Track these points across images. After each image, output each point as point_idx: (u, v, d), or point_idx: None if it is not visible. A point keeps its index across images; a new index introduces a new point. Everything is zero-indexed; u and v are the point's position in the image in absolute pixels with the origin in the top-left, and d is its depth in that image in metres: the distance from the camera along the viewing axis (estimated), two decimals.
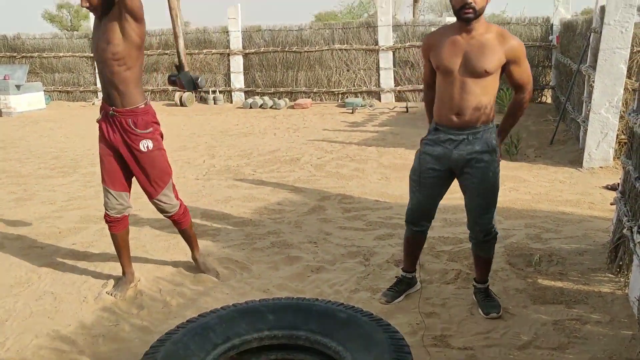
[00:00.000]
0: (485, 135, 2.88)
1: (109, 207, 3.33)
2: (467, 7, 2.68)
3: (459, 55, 2.79)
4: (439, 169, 2.98)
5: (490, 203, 2.99)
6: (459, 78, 2.80)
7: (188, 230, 3.65)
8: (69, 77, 15.52)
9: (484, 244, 3.10)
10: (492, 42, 2.77)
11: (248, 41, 14.03)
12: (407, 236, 3.29)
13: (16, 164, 7.43)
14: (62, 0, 39.98)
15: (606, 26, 6.01)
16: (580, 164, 6.45)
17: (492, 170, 2.91)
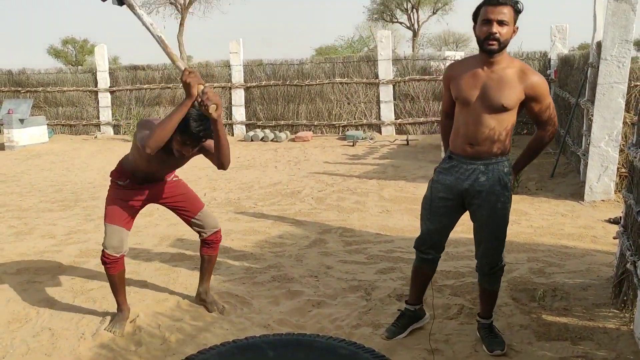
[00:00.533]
0: (498, 167, 2.85)
1: (110, 245, 3.30)
2: (491, 38, 2.66)
3: (477, 87, 2.77)
4: (449, 198, 2.96)
5: (499, 236, 2.96)
6: (476, 110, 2.78)
7: (214, 259, 3.68)
8: (72, 110, 15.67)
9: (491, 276, 3.06)
10: (512, 77, 2.73)
11: (249, 75, 14.21)
12: (415, 265, 3.22)
13: (17, 198, 7.43)
14: (67, 36, 40.65)
15: (603, 61, 6.09)
16: (581, 197, 6.44)
17: (502, 204, 2.88)
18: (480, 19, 2.71)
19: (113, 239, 3.30)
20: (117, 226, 3.30)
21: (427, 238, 3.10)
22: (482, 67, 2.79)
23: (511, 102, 2.73)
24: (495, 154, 2.83)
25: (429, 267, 3.19)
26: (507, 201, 2.90)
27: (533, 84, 2.73)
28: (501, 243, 2.98)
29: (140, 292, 3.92)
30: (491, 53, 2.71)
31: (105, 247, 3.31)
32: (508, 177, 2.88)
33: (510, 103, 2.73)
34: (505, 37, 2.67)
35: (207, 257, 3.65)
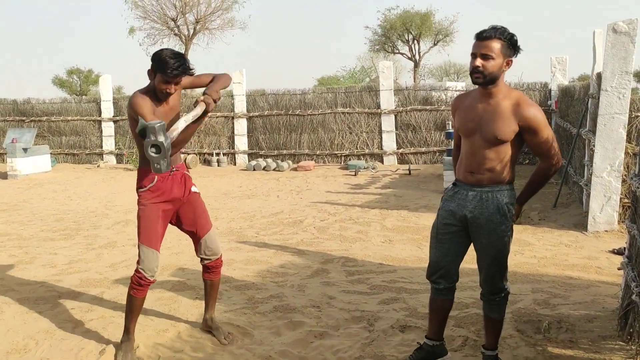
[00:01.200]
0: (497, 196, 2.85)
1: (149, 268, 3.29)
2: (475, 71, 2.72)
3: (475, 120, 2.83)
4: (453, 224, 2.97)
5: (499, 264, 2.94)
6: (474, 141, 2.84)
7: (217, 284, 3.69)
8: (75, 140, 15.78)
9: (494, 304, 3.02)
10: (506, 109, 2.75)
11: (252, 104, 14.34)
12: (430, 297, 3.19)
13: (19, 227, 7.42)
14: (72, 66, 41.16)
15: (604, 92, 6.14)
16: (584, 227, 6.41)
17: (501, 232, 2.86)
18: (470, 53, 2.78)
19: (152, 262, 3.30)
20: (154, 250, 3.30)
21: (436, 266, 3.08)
22: (480, 99, 2.84)
23: (505, 135, 2.75)
24: (494, 182, 2.85)
25: (443, 298, 3.12)
26: (507, 230, 2.88)
27: (527, 116, 2.73)
28: (502, 270, 2.96)
29: (141, 322, 3.87)
30: (478, 85, 2.78)
31: (144, 270, 3.29)
32: (508, 206, 2.87)
33: (504, 136, 2.75)
34: (490, 70, 2.70)
35: (210, 282, 3.66)
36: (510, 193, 2.89)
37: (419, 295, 4.34)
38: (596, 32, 7.75)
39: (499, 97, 2.78)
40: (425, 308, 4.03)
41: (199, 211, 3.55)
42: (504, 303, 3.04)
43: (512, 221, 2.91)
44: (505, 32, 2.72)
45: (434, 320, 3.18)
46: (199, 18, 25.40)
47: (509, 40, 2.72)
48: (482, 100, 2.83)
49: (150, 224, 3.32)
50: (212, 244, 3.58)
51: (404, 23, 32.28)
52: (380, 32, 33.78)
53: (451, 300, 3.16)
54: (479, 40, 2.73)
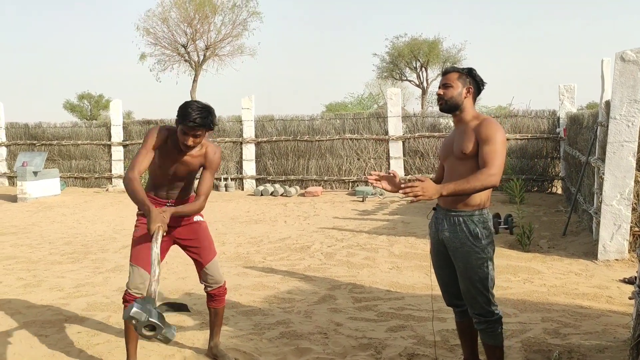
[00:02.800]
0: (468, 220, 2.96)
1: (133, 285, 3.32)
2: (439, 99, 3.05)
3: (450, 143, 3.10)
4: (440, 249, 3.12)
5: (479, 288, 2.97)
6: (450, 162, 3.08)
7: (221, 311, 3.69)
8: (85, 164, 15.91)
9: (488, 329, 3.03)
10: (472, 127, 2.99)
11: (261, 130, 14.44)
12: (456, 321, 3.33)
13: (27, 250, 7.44)
14: (83, 91, 41.73)
15: (612, 120, 6.14)
16: (595, 256, 6.35)
17: (476, 256, 2.94)
18: None
19: (136, 279, 3.33)
20: (140, 268, 3.32)
21: (447, 292, 3.21)
22: (455, 127, 3.14)
23: (468, 148, 2.93)
24: (466, 206, 2.96)
25: (468, 319, 3.20)
26: (482, 252, 2.95)
27: (484, 128, 2.90)
28: (484, 293, 2.98)
29: (146, 347, 3.85)
30: (442, 111, 3.07)
31: (128, 287, 3.34)
32: (481, 229, 2.95)
33: (468, 148, 2.93)
34: (449, 96, 3.01)
35: (213, 310, 3.67)
36: (481, 217, 2.97)
37: (427, 323, 4.29)
38: (604, 61, 7.78)
39: (468, 120, 3.03)
40: (433, 336, 3.99)
41: (201, 239, 3.56)
42: (497, 328, 3.04)
43: (489, 243, 2.97)
44: (462, 67, 3.12)
45: (465, 342, 3.28)
46: (209, 45, 25.78)
47: (466, 72, 3.04)
48: (457, 128, 3.11)
49: (139, 246, 3.36)
50: (214, 272, 3.58)
51: (411, 50, 32.58)
52: (388, 59, 34.08)
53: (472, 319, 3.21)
54: (442, 75, 3.10)
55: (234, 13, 25.85)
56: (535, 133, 12.56)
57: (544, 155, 12.54)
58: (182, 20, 25.15)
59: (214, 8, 25.27)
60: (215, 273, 3.59)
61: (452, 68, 3.10)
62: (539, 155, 12.56)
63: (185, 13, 25.13)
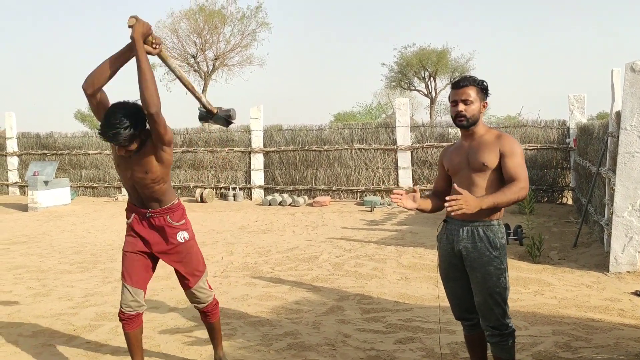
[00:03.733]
0: (488, 230, 2.95)
1: (124, 303, 3.30)
2: (459, 116, 2.99)
3: (463, 155, 3.07)
4: (453, 261, 3.07)
5: (496, 300, 2.95)
6: (464, 173, 3.04)
7: (217, 325, 3.65)
8: (95, 173, 16.02)
9: (501, 343, 2.99)
10: (490, 140, 3.00)
11: (269, 140, 14.47)
12: (464, 334, 3.28)
13: (37, 259, 7.48)
14: None
15: (623, 131, 6.10)
16: (606, 268, 6.28)
17: (495, 268, 2.92)
18: (450, 101, 3.07)
19: (127, 297, 3.30)
20: (130, 286, 3.30)
21: (457, 306, 3.16)
22: (464, 139, 3.12)
23: (490, 160, 2.94)
24: (482, 217, 2.94)
25: (477, 332, 3.18)
26: (501, 263, 2.94)
27: (506, 143, 2.94)
28: (500, 305, 2.96)
29: (154, 358, 3.85)
30: (463, 127, 3.04)
31: (121, 305, 3.32)
32: (500, 240, 2.96)
33: (489, 161, 2.94)
34: (471, 113, 2.99)
35: (208, 325, 3.66)
36: (499, 227, 3.00)
37: (435, 335, 4.25)
38: (614, 71, 7.75)
39: (481, 133, 3.05)
40: (443, 349, 3.96)
41: (185, 262, 3.42)
42: (510, 342, 3.00)
43: (505, 254, 2.98)
44: (477, 79, 3.04)
45: (475, 355, 3.24)
46: (218, 55, 25.96)
47: (481, 86, 3.02)
48: (466, 140, 3.09)
49: (126, 260, 3.34)
50: (200, 295, 3.50)
51: (420, 60, 32.64)
52: (396, 69, 34.15)
53: (482, 331, 3.17)
54: (457, 88, 3.02)
55: (243, 24, 26.07)
56: (545, 143, 12.50)
57: (554, 166, 12.47)
58: (191, 31, 25.38)
59: (223, 19, 25.49)
60: (201, 295, 3.50)
61: (469, 81, 3.03)
62: (548, 166, 12.49)
63: (194, 24, 25.35)
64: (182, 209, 3.47)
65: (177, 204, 3.41)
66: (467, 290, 3.07)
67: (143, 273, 3.36)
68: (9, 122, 16.75)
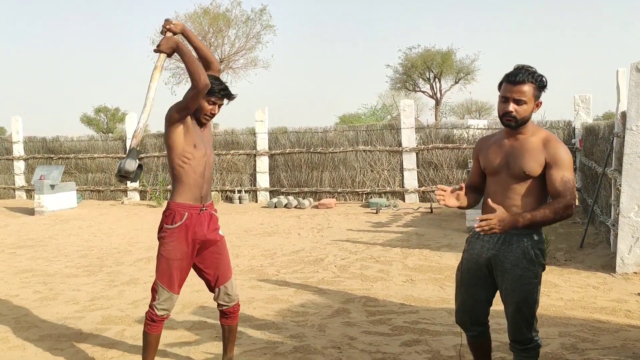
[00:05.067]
0: (524, 239, 2.75)
1: (163, 308, 3.30)
2: (507, 116, 2.72)
3: (502, 156, 2.82)
4: (477, 268, 2.89)
5: (525, 313, 2.79)
6: (502, 178, 2.80)
7: (234, 328, 3.64)
8: (101, 177, 16.08)
9: (523, 355, 2.87)
10: (535, 145, 2.73)
11: (274, 142, 14.49)
12: (468, 340, 3.09)
13: (44, 263, 7.52)
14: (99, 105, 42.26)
15: (629, 131, 6.07)
16: (613, 268, 6.25)
17: (528, 279, 2.74)
18: (500, 95, 2.76)
19: (165, 302, 3.30)
20: (171, 292, 3.30)
21: (464, 314, 2.99)
22: (507, 137, 2.84)
23: (532, 169, 2.71)
24: (523, 225, 2.69)
25: (482, 340, 3.04)
26: (534, 277, 2.76)
27: (555, 152, 2.69)
28: (528, 319, 2.80)
29: (160, 358, 3.86)
30: (510, 128, 2.77)
31: (157, 308, 3.30)
32: (535, 251, 2.76)
33: (531, 169, 2.71)
34: (522, 115, 2.70)
35: (227, 327, 3.62)
36: (538, 237, 2.78)
37: (441, 338, 4.25)
38: (620, 71, 7.72)
39: (527, 134, 2.79)
40: (449, 351, 3.96)
41: (224, 257, 3.48)
42: (534, 356, 2.87)
43: (541, 266, 2.79)
44: (536, 74, 2.72)
45: (479, 358, 3.11)
46: (223, 58, 26.01)
47: (540, 83, 2.73)
48: (509, 138, 2.83)
49: (172, 264, 3.28)
50: (232, 291, 3.53)
51: (425, 62, 32.61)
52: (401, 70, 34.14)
53: (489, 338, 3.07)
54: (511, 84, 2.71)
55: (248, 26, 26.14)
56: None
57: None
58: (196, 34, 25.43)
59: (228, 22, 25.56)
60: (233, 291, 3.53)
61: (526, 76, 2.69)
62: None
63: (199, 27, 25.42)
64: None
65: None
66: (478, 302, 2.93)
67: (183, 273, 3.37)
68: (15, 126, 16.84)
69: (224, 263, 3.48)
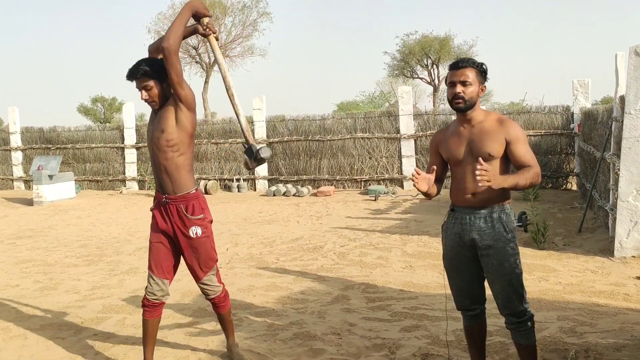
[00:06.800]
0: (502, 215, 2.91)
1: (149, 291, 3.37)
2: (456, 97, 2.88)
3: (463, 144, 2.96)
4: (462, 251, 3.00)
5: (515, 285, 2.90)
6: (468, 164, 2.92)
7: (226, 316, 3.67)
8: (99, 166, 16.05)
9: (520, 329, 2.95)
10: (492, 127, 2.90)
11: (272, 130, 14.46)
12: (465, 325, 3.17)
13: (43, 253, 7.53)
14: (96, 95, 42.09)
15: (627, 115, 6.06)
16: (611, 253, 6.28)
17: (511, 250, 2.89)
18: (447, 82, 2.97)
19: (153, 286, 3.37)
20: (154, 275, 3.37)
21: (462, 295, 3.08)
22: (462, 126, 2.99)
23: (496, 150, 2.86)
24: (496, 202, 2.91)
25: (479, 322, 3.13)
26: (515, 247, 2.92)
27: (511, 131, 2.87)
28: (518, 291, 2.92)
29: (161, 350, 3.87)
30: (460, 111, 2.92)
31: (146, 292, 3.39)
32: (512, 222, 2.92)
33: (495, 150, 2.86)
34: (470, 96, 2.88)
35: (219, 315, 3.68)
36: (511, 212, 2.97)
37: (441, 323, 4.27)
38: (618, 55, 7.70)
39: (479, 118, 2.95)
40: (448, 336, 3.97)
41: (195, 257, 3.41)
42: (531, 327, 2.97)
43: (516, 238, 2.95)
44: (476, 61, 2.95)
45: (474, 347, 3.17)
46: (220, 46, 25.85)
47: (480, 68, 2.92)
48: (464, 127, 2.98)
49: (152, 249, 3.40)
50: (206, 289, 3.52)
51: (422, 48, 32.42)
52: (399, 57, 33.95)
53: (485, 322, 3.15)
54: (455, 69, 2.92)
55: (244, 14, 25.94)
56: (549, 129, 12.45)
57: (558, 152, 12.42)
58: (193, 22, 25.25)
59: (224, 9, 25.37)
60: (208, 289, 3.51)
61: (468, 62, 2.92)
62: (553, 152, 12.43)
63: None
64: (201, 199, 3.40)
65: (193, 194, 3.34)
66: (472, 281, 3.03)
67: (168, 261, 3.41)
68: (12, 117, 16.79)
69: (194, 264, 3.42)
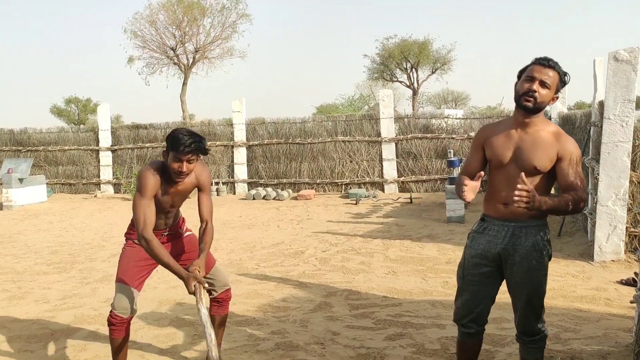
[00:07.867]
0: (533, 231, 2.70)
1: (120, 306, 3.15)
2: (529, 94, 2.61)
3: (511, 148, 2.70)
4: (484, 263, 2.79)
5: (535, 304, 2.75)
6: (510, 171, 2.69)
7: (225, 320, 3.63)
8: (72, 169, 15.70)
9: (531, 345, 2.85)
10: (546, 138, 2.65)
11: (252, 133, 14.31)
12: (458, 339, 3.00)
13: (12, 260, 7.26)
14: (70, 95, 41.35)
15: (606, 120, 6.08)
16: (591, 257, 6.29)
17: (537, 271, 2.71)
18: (525, 75, 2.66)
19: (123, 300, 3.16)
20: (127, 286, 3.18)
21: (466, 311, 2.88)
22: (516, 127, 2.72)
23: (543, 164, 2.63)
24: (531, 216, 2.67)
25: (474, 340, 2.95)
26: (542, 268, 2.72)
27: (567, 147, 2.63)
28: (536, 311, 2.77)
29: None
30: (525, 110, 2.64)
31: (114, 308, 3.16)
32: (544, 242, 2.71)
33: (542, 165, 2.63)
34: (542, 99, 2.61)
35: (218, 318, 3.54)
36: (545, 228, 2.74)
37: (425, 331, 4.19)
38: (597, 61, 7.74)
39: (538, 127, 2.68)
40: (433, 344, 3.90)
41: (195, 245, 3.48)
42: (541, 345, 2.86)
43: (549, 257, 2.76)
44: (563, 69, 2.68)
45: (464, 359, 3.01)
46: (199, 47, 25.59)
47: (563, 78, 2.68)
48: (518, 129, 2.71)
49: (128, 266, 3.24)
50: (219, 274, 3.54)
51: (402, 52, 32.60)
52: (378, 60, 34.08)
53: (481, 341, 2.98)
54: (541, 66, 2.64)
55: (223, 15, 25.71)
56: None
57: None
58: (170, 23, 24.96)
59: (202, 10, 25.11)
60: (221, 277, 3.53)
61: (556, 64, 2.64)
62: None
63: (173, 16, 24.95)
64: (184, 221, 3.64)
65: (182, 218, 3.58)
66: (481, 298, 2.84)
67: (142, 275, 3.29)
68: None
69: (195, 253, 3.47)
